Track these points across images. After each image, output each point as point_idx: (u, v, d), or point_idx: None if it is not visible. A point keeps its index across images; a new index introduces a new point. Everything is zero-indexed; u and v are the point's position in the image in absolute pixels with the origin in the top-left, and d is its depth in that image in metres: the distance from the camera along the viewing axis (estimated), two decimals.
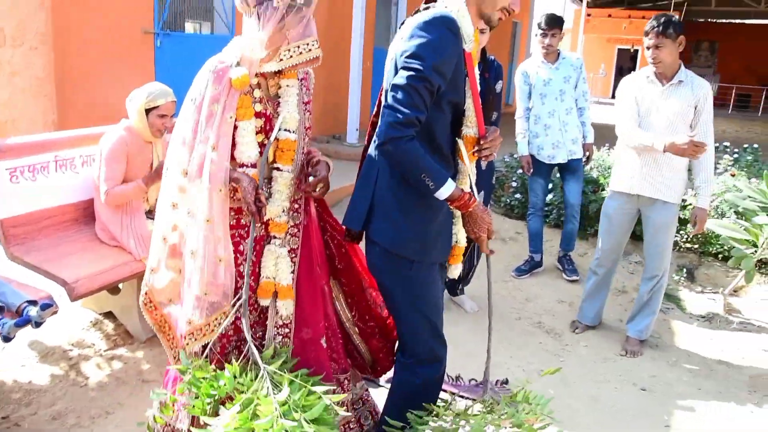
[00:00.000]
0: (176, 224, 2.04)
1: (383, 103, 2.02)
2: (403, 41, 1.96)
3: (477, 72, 2.13)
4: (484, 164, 2.32)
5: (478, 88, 2.08)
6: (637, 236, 5.44)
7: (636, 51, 26.19)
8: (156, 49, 5.86)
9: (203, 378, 1.93)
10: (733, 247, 4.27)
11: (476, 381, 2.97)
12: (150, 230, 3.14)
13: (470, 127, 2.07)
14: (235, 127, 2.00)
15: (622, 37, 25.89)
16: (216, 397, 1.90)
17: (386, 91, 2.01)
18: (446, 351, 2.24)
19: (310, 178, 2.16)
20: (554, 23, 4.40)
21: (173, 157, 2.02)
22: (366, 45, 8.47)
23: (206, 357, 2.06)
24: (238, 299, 2.06)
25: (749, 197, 4.32)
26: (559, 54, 4.54)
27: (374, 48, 9.50)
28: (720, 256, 5.27)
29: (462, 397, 2.89)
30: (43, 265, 2.89)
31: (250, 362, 2.01)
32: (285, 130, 2.08)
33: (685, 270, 5.06)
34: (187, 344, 2.04)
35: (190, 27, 8.32)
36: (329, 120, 8.65)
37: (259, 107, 2.05)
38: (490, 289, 2.22)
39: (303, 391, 1.83)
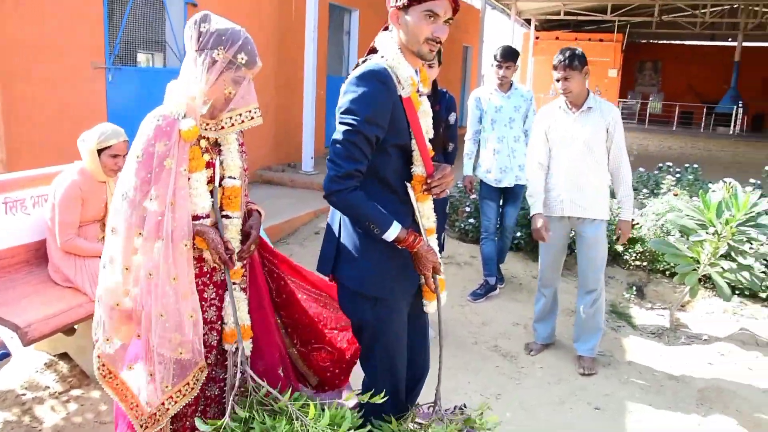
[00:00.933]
0: (129, 289, 1.98)
1: None
2: (341, 96, 2.06)
3: (427, 108, 2.23)
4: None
5: (422, 129, 2.16)
6: None
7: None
8: (107, 84, 5.84)
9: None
10: (678, 264, 4.44)
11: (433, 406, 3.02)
12: None
13: (417, 166, 2.16)
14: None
15: None
16: None
17: None
18: (404, 384, 2.35)
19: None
20: (509, 57, 4.58)
21: (121, 219, 1.95)
22: (319, 74, 8.57)
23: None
24: (233, 352, 2.12)
25: (687, 216, 4.50)
26: (511, 84, 4.75)
27: (327, 76, 9.60)
28: (668, 272, 5.48)
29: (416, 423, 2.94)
30: None
31: (254, 406, 2.02)
32: (230, 177, 2.10)
33: (634, 288, 5.23)
34: (168, 410, 2.00)
35: (142, 58, 8.27)
36: (284, 149, 8.70)
37: (207, 157, 2.05)
38: (441, 324, 2.36)
39: (330, 410, 1.91)
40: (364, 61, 2.13)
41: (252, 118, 2.02)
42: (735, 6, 21.35)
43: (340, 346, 2.43)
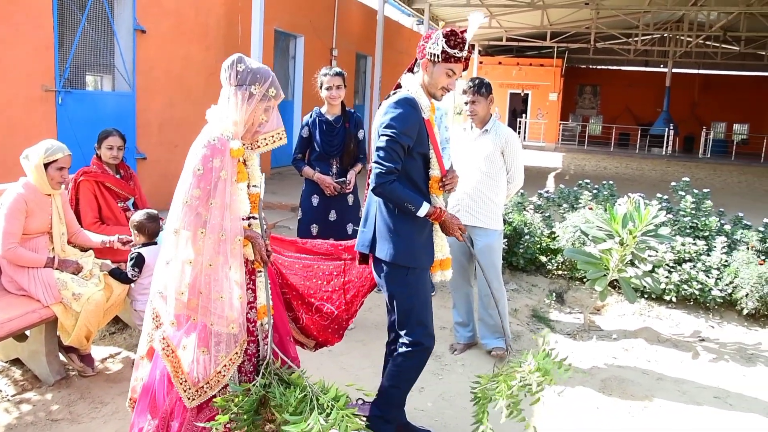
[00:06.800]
0: (191, 282, 2.38)
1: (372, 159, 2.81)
2: (381, 116, 2.81)
3: (436, 130, 2.93)
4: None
5: (438, 142, 2.91)
6: (512, 266, 6.08)
7: (527, 95, 28.03)
8: (57, 107, 6.05)
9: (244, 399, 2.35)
10: (589, 271, 4.91)
11: (362, 401, 3.37)
12: (56, 278, 3.38)
13: (434, 168, 2.90)
14: None
15: (513, 82, 27.71)
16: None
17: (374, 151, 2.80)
18: (433, 341, 3.00)
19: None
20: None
21: (183, 221, 2.36)
22: None
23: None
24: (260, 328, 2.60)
25: (597, 227, 4.99)
26: None
27: None
28: (585, 280, 5.97)
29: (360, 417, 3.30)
30: None
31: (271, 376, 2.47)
32: (253, 185, 2.60)
33: (554, 294, 5.69)
34: (224, 376, 2.44)
35: (90, 80, 8.45)
36: None
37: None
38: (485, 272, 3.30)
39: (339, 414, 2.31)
40: (394, 93, 2.89)
41: (281, 138, 2.58)
42: (664, 35, 22.64)
43: (328, 310, 3.01)
